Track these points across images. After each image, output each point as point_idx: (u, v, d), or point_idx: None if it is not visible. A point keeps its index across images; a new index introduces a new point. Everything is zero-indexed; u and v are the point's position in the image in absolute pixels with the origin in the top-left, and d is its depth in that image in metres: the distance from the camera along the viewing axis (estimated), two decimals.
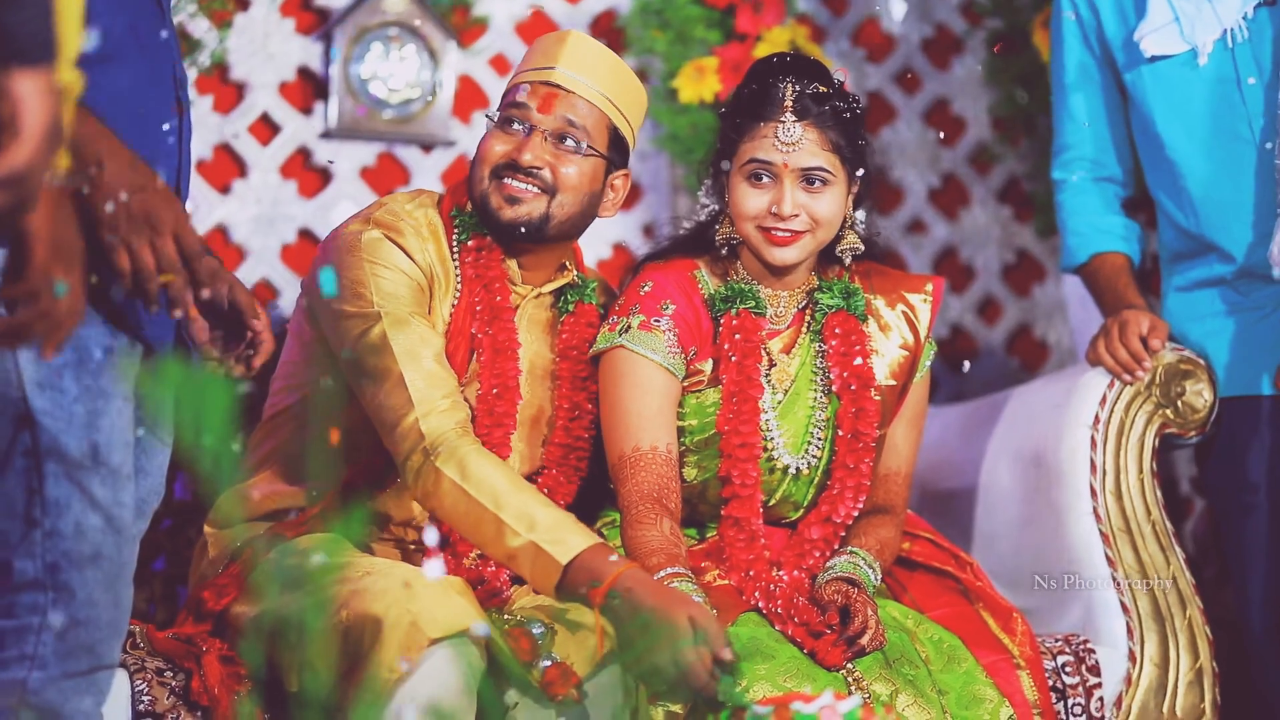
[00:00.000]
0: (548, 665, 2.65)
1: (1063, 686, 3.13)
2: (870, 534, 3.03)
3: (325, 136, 4.04)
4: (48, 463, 2.16)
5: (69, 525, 2.17)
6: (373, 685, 2.55)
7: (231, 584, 2.87)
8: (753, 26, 4.15)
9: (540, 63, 2.94)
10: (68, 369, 2.17)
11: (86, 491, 2.18)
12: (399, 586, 2.61)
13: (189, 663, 2.81)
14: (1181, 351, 3.35)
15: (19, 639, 2.18)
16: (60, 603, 2.18)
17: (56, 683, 2.19)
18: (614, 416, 2.98)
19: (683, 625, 2.55)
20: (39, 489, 2.16)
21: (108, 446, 2.20)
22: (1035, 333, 4.53)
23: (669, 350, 2.98)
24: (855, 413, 3.00)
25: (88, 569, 2.19)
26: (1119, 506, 3.31)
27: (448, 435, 2.75)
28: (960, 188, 4.50)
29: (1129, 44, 3.40)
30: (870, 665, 2.82)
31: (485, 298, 2.92)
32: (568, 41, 2.94)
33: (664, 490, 2.93)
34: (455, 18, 4.10)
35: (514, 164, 2.89)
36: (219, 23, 3.87)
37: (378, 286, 2.83)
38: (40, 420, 2.16)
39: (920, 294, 3.13)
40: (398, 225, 2.89)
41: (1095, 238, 3.50)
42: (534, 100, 2.90)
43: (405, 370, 2.78)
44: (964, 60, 4.48)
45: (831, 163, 2.95)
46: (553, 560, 2.64)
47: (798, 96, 2.94)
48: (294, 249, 4.00)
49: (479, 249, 2.93)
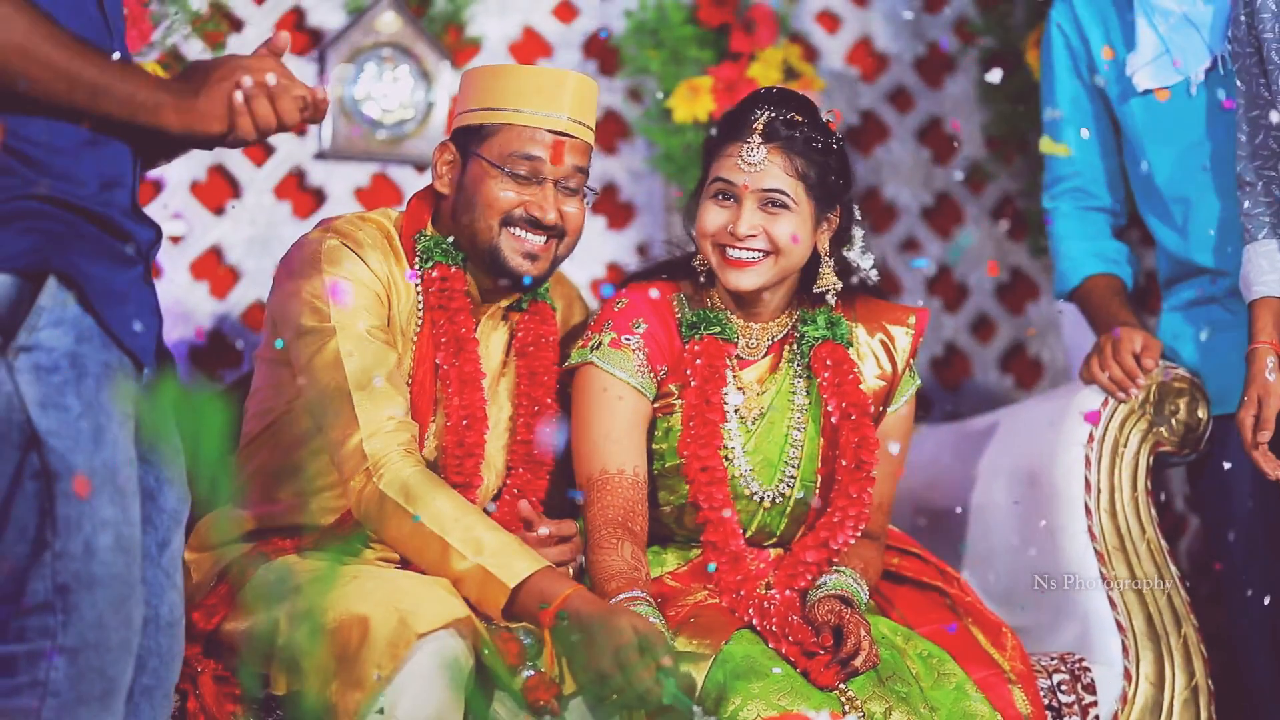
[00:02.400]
0: (532, 673, 2.66)
1: (1058, 705, 3.13)
2: (855, 556, 3.02)
3: (319, 157, 4.04)
4: (58, 482, 2.16)
5: (79, 545, 2.17)
6: (361, 682, 2.56)
7: (220, 604, 2.88)
8: (746, 46, 4.16)
9: (544, 107, 2.91)
10: (68, 386, 2.17)
11: (96, 510, 2.18)
12: (386, 586, 2.64)
13: (184, 684, 2.80)
14: (1175, 370, 3.35)
15: (30, 665, 2.16)
16: (70, 625, 2.17)
17: (70, 710, 2.17)
18: (582, 437, 2.99)
19: (625, 633, 2.61)
20: (50, 509, 2.16)
21: (114, 463, 2.20)
22: (1029, 351, 4.53)
23: (638, 369, 2.99)
24: (858, 442, 2.99)
25: (97, 589, 2.18)
26: (1114, 524, 3.32)
27: (391, 457, 2.76)
28: (954, 206, 4.51)
29: (1120, 77, 3.40)
30: (863, 684, 2.81)
31: (450, 330, 2.92)
32: (571, 86, 2.93)
33: (629, 514, 2.94)
34: (448, 38, 4.10)
35: (531, 218, 2.89)
36: (212, 44, 3.88)
37: (336, 299, 2.83)
38: (47, 440, 2.15)
39: (902, 326, 3.12)
40: (356, 235, 2.90)
41: (1087, 262, 3.51)
42: (546, 151, 2.89)
43: (354, 390, 2.78)
44: (956, 79, 4.49)
45: (794, 189, 2.94)
46: (500, 584, 2.67)
47: (769, 121, 2.95)
48: None
49: (443, 278, 2.93)
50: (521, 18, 4.20)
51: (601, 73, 4.25)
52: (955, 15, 4.48)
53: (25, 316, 2.17)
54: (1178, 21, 3.31)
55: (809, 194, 2.96)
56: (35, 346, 2.16)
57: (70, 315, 2.19)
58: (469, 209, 2.92)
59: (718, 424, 2.98)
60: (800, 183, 2.95)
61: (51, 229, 2.19)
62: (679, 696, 2.60)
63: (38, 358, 2.16)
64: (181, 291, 3.92)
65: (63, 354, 2.18)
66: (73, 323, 2.19)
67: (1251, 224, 3.14)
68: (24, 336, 2.16)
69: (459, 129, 2.96)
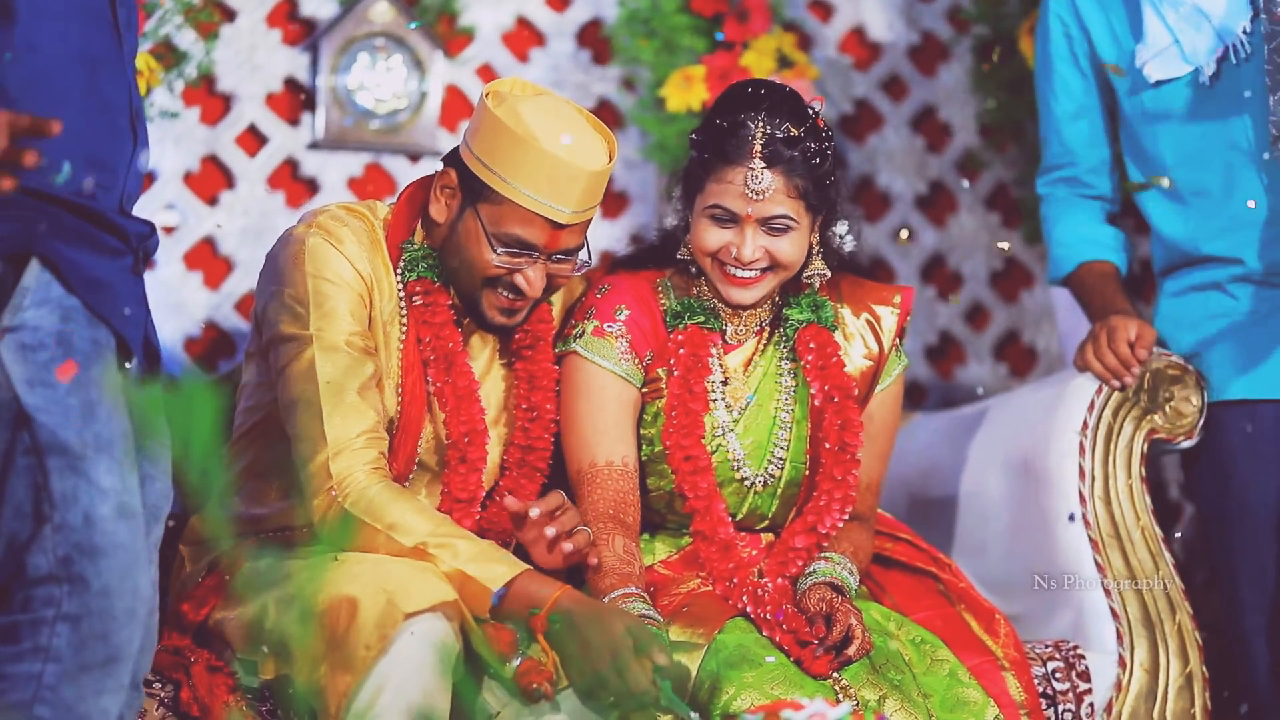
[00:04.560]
0: (523, 659, 2.66)
1: (1053, 692, 3.13)
2: (844, 539, 3.03)
3: (313, 147, 4.04)
4: (50, 458, 2.17)
5: (78, 517, 2.18)
6: (351, 664, 2.56)
7: (210, 594, 2.88)
8: (739, 35, 4.15)
9: (553, 198, 2.78)
10: (55, 363, 2.18)
11: (93, 482, 2.19)
12: (374, 569, 2.64)
13: (177, 673, 2.81)
14: (1170, 357, 3.35)
15: (34, 631, 2.18)
16: (74, 594, 2.18)
17: (73, 678, 2.19)
18: (572, 429, 2.99)
19: (620, 636, 2.60)
20: (45, 484, 2.17)
21: (108, 435, 2.21)
22: (1023, 339, 4.53)
23: (622, 356, 2.99)
24: (841, 424, 2.99)
25: (100, 559, 2.19)
26: (1108, 512, 3.32)
27: (356, 477, 2.74)
28: (948, 195, 4.51)
29: (1129, 69, 3.38)
30: (857, 671, 2.82)
31: (437, 345, 2.88)
32: (584, 182, 2.79)
33: (620, 506, 2.94)
34: (441, 27, 4.10)
35: (515, 286, 2.84)
36: (205, 34, 3.88)
37: (317, 304, 2.80)
38: (36, 417, 2.17)
39: (888, 305, 3.12)
40: (340, 231, 2.86)
41: (1082, 247, 3.50)
42: (543, 238, 2.81)
43: (325, 403, 2.76)
44: (951, 67, 4.48)
45: (796, 209, 2.91)
46: (483, 587, 2.66)
47: (768, 140, 2.89)
48: None
49: (426, 293, 2.89)
50: (514, 7, 4.20)
51: (594, 62, 4.25)
52: (949, 3, 4.47)
53: (8, 299, 2.18)
54: (1189, 11, 3.29)
55: (808, 209, 2.94)
56: (20, 326, 2.17)
57: (55, 295, 2.20)
58: (457, 257, 2.86)
59: (700, 413, 2.97)
60: (801, 201, 2.92)
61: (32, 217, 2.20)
62: (675, 700, 2.59)
63: (23, 337, 2.17)
64: (175, 281, 3.92)
65: (48, 332, 2.19)
66: (57, 302, 2.20)
67: None
68: (8, 317, 2.18)
69: (465, 164, 2.86)
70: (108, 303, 2.24)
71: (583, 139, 2.82)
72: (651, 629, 2.70)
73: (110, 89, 2.31)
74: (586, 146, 2.82)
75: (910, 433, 3.77)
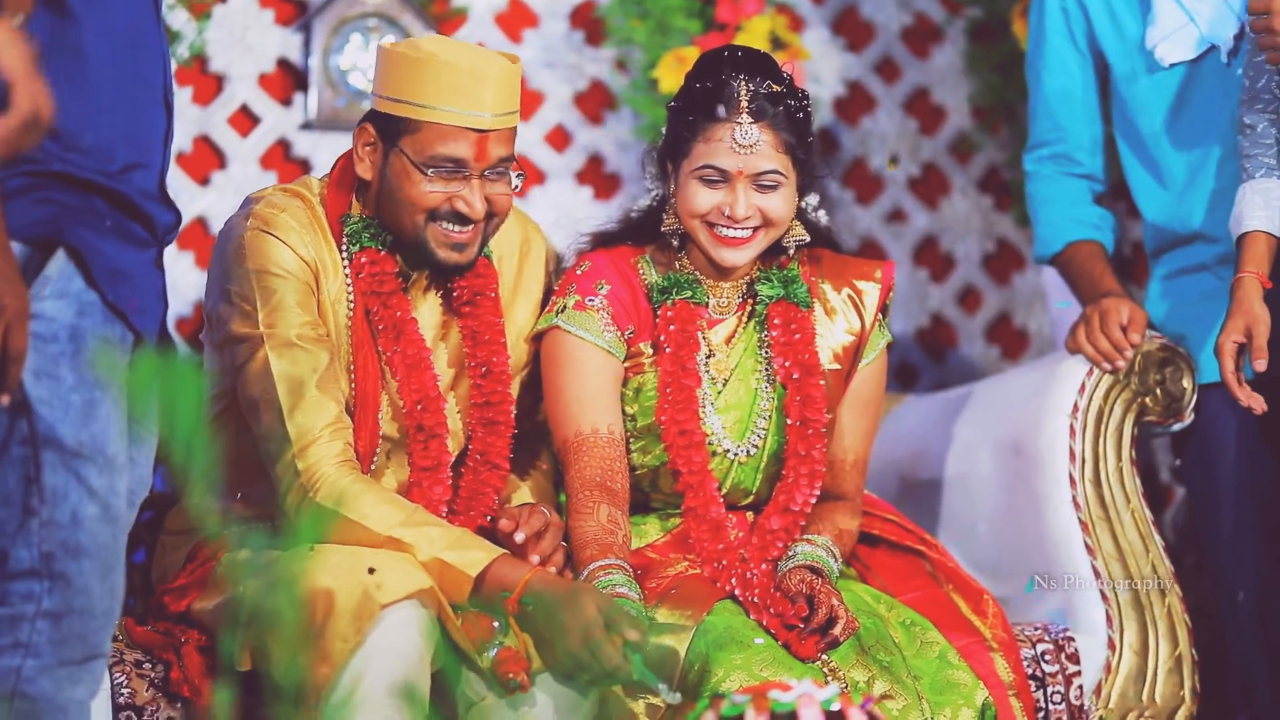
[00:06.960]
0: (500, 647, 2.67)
1: (1042, 675, 3.14)
2: (825, 520, 3.03)
3: (305, 128, 4.03)
4: (45, 451, 2.18)
5: (65, 514, 2.19)
6: (328, 655, 2.57)
7: (191, 585, 2.89)
8: (732, 16, 4.15)
9: (467, 105, 2.78)
10: (63, 358, 2.19)
11: (83, 481, 2.20)
12: (350, 559, 2.64)
13: (168, 654, 2.82)
14: (1160, 339, 3.35)
15: (13, 627, 2.19)
16: (55, 591, 2.19)
17: (50, 671, 2.20)
18: (555, 402, 2.99)
19: (590, 613, 2.62)
20: (36, 477, 2.18)
21: (104, 436, 2.21)
22: (1015, 321, 4.54)
23: (604, 329, 2.99)
24: (801, 400, 2.99)
25: (83, 558, 2.20)
26: (1098, 495, 3.32)
27: (324, 471, 2.74)
28: (940, 177, 4.51)
29: (1133, 51, 3.37)
30: (846, 652, 2.82)
31: (385, 315, 2.86)
32: (493, 80, 2.79)
33: (607, 473, 2.95)
34: (435, 8, 4.10)
35: (456, 214, 2.82)
36: (198, 14, 3.88)
37: (264, 299, 2.79)
38: (37, 409, 2.17)
39: (870, 280, 3.12)
40: (279, 219, 2.83)
41: (1068, 227, 3.48)
42: (470, 151, 2.79)
43: (285, 401, 2.75)
44: (944, 49, 4.48)
45: (784, 164, 2.94)
46: (462, 574, 2.67)
47: (753, 96, 2.92)
48: None
49: (372, 262, 2.86)
50: None
51: (587, 43, 4.24)
52: None
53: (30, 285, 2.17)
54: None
55: (795, 165, 2.96)
56: (37, 315, 2.17)
57: (74, 289, 2.21)
58: (392, 202, 2.84)
59: (693, 389, 2.98)
60: (788, 156, 2.95)
61: (66, 202, 2.20)
62: (646, 673, 2.62)
63: (37, 327, 2.17)
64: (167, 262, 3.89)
65: (62, 325, 2.20)
66: (75, 296, 2.21)
67: (1250, 164, 3.12)
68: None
69: (378, 112, 2.85)
70: (127, 295, 2.25)
71: (481, 51, 2.89)
72: (625, 603, 2.72)
73: (148, 67, 2.32)
74: (487, 54, 2.87)
75: (901, 415, 3.77)
